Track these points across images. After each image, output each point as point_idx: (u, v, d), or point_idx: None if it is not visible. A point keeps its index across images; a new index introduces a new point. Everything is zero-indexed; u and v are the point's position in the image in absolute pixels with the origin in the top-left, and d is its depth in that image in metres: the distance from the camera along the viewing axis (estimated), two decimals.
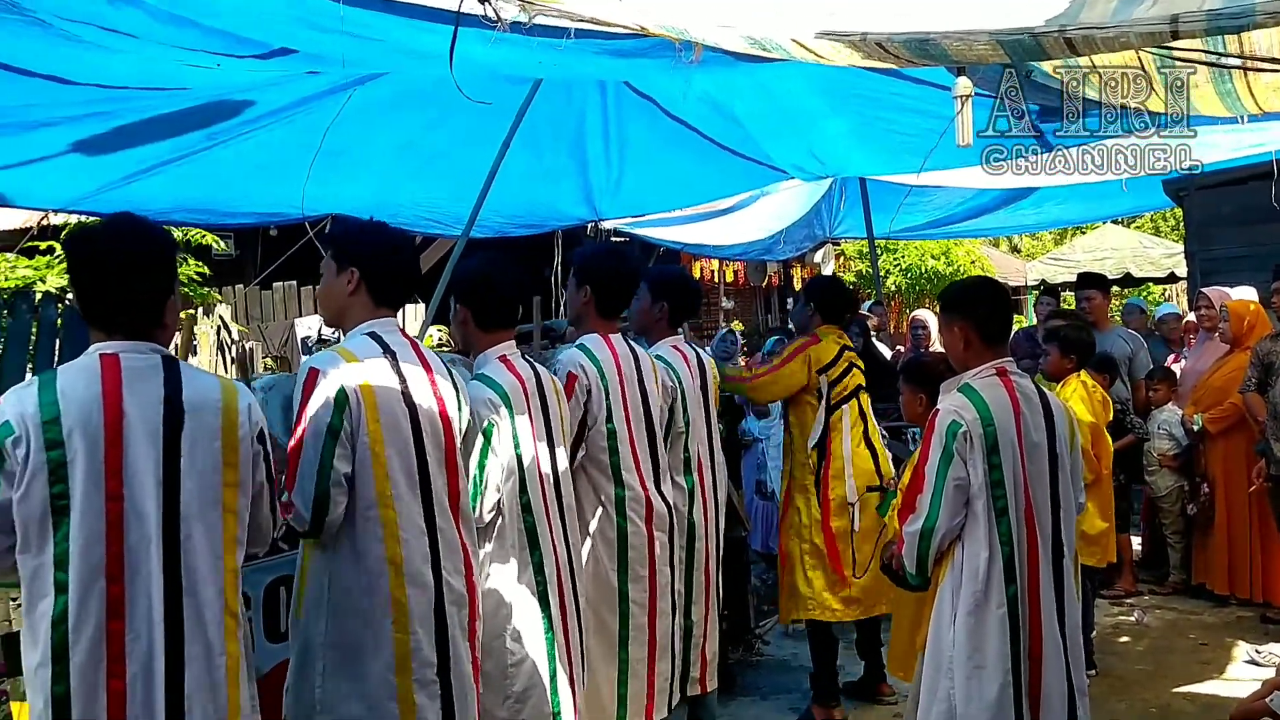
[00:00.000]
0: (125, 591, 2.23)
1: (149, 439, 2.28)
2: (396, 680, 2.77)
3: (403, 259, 3.05)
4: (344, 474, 2.73)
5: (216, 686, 2.33)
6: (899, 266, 16.05)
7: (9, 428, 2.19)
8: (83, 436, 2.21)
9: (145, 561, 2.25)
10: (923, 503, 3.13)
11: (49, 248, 8.75)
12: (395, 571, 2.78)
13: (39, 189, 4.97)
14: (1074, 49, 2.25)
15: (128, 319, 2.33)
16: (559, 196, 6.71)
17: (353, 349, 2.86)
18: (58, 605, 2.18)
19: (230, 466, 2.40)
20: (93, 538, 2.21)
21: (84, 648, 2.19)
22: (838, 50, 2.39)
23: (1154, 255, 13.95)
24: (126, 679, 2.21)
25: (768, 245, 9.43)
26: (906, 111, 5.18)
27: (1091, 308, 7.12)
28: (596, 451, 3.77)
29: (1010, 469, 3.11)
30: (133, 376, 2.29)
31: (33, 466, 2.18)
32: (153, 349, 2.37)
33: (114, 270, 2.32)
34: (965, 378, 3.25)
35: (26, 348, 5.49)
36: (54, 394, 2.22)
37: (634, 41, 3.07)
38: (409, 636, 2.79)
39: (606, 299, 3.92)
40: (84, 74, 3.81)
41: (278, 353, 9.91)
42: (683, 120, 5.67)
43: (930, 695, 3.17)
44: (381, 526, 2.77)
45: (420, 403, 2.89)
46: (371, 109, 4.93)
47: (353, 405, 2.75)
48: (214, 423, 2.38)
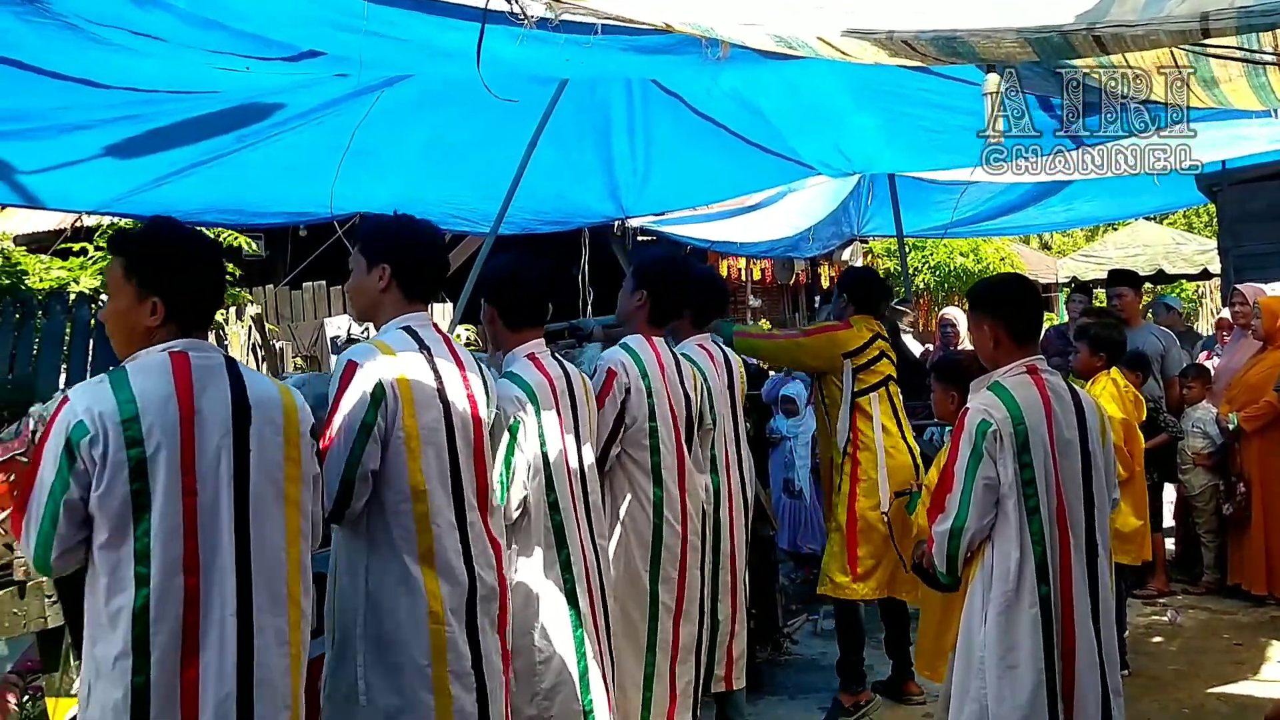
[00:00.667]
0: (201, 584, 2.29)
1: (220, 435, 2.34)
2: (433, 671, 2.79)
3: (431, 253, 3.06)
4: (370, 469, 2.75)
5: (281, 676, 2.38)
6: (928, 264, 15.95)
7: (83, 428, 2.22)
8: (161, 433, 2.26)
9: (219, 554, 2.31)
10: (952, 502, 3.11)
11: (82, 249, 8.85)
12: (429, 564, 2.80)
13: (72, 191, 5.03)
14: (1103, 47, 2.22)
15: (196, 318, 2.40)
16: (585, 193, 6.72)
17: (389, 343, 2.88)
18: (138, 598, 2.23)
19: (292, 461, 2.46)
20: (172, 532, 2.26)
21: (163, 639, 2.24)
22: (864, 49, 2.37)
23: (1187, 252, 13.79)
24: (200, 668, 2.27)
25: (794, 242, 9.40)
26: (935, 108, 5.15)
27: (1123, 305, 7.04)
28: (636, 450, 3.76)
29: (1041, 467, 3.08)
30: (202, 375, 2.35)
31: (112, 464, 2.22)
32: (214, 348, 2.44)
33: (188, 269, 2.38)
34: (995, 376, 3.22)
35: (61, 348, 5.56)
36: (130, 392, 2.26)
37: (661, 38, 3.07)
38: (444, 628, 2.80)
39: (661, 306, 3.94)
40: (115, 77, 3.86)
41: (308, 352, 9.97)
42: (709, 116, 5.66)
43: (962, 695, 3.14)
44: (415, 520, 2.80)
45: (453, 398, 2.91)
46: (399, 109, 4.96)
47: (389, 400, 2.77)
48: (277, 419, 2.44)
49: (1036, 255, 20.19)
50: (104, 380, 2.30)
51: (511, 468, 3.23)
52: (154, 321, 2.35)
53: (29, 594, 2.74)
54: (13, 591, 2.74)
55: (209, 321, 2.48)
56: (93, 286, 8.42)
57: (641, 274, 3.97)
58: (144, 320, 2.35)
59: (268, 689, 2.35)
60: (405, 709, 2.78)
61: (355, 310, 3.13)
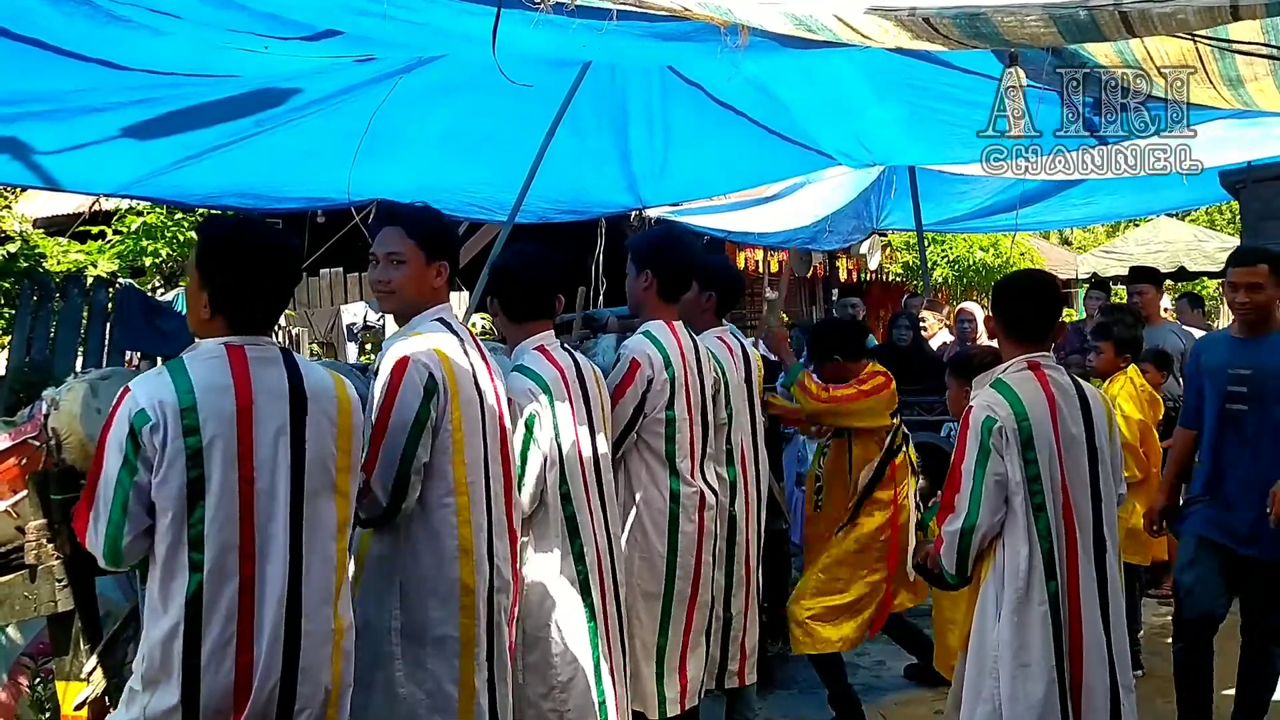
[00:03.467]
0: (255, 570, 2.33)
1: (277, 425, 2.38)
2: (460, 663, 2.80)
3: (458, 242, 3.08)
4: (424, 462, 2.75)
5: (325, 662, 2.43)
6: (947, 258, 15.85)
7: (145, 415, 2.27)
8: (218, 423, 2.31)
9: (273, 541, 2.36)
10: (961, 501, 3.08)
11: (100, 232, 8.87)
12: (467, 558, 2.80)
13: (91, 173, 5.04)
14: (1130, 27, 2.17)
15: (246, 320, 2.43)
16: (602, 183, 6.70)
17: (430, 335, 2.86)
18: (191, 583, 2.27)
19: (344, 452, 2.50)
20: (228, 519, 2.31)
21: (217, 624, 2.29)
22: (885, 29, 2.33)
23: (1209, 249, 13.64)
24: (253, 654, 2.32)
25: (813, 234, 9.34)
26: (959, 103, 5.11)
27: (1143, 302, 6.97)
28: (653, 439, 3.74)
29: (1046, 464, 3.06)
30: (258, 365, 2.40)
31: (170, 452, 2.27)
32: (269, 341, 2.48)
33: (239, 273, 2.42)
34: (996, 372, 3.20)
35: (78, 331, 5.58)
36: (189, 382, 2.31)
37: (678, 25, 3.04)
38: (474, 622, 2.81)
39: (669, 282, 3.87)
40: (135, 59, 3.85)
41: (324, 338, 10.00)
42: (729, 105, 5.63)
43: (974, 696, 3.11)
44: (456, 513, 2.80)
45: (484, 389, 2.92)
46: (417, 95, 4.94)
47: (441, 393, 2.77)
48: (331, 410, 2.48)
49: (1057, 250, 20.05)
50: (163, 371, 2.37)
51: (527, 461, 3.22)
52: (205, 314, 2.41)
53: (40, 578, 2.75)
54: (24, 575, 2.75)
55: (264, 327, 2.49)
56: (110, 270, 8.46)
57: (638, 255, 3.90)
58: (199, 310, 2.42)
59: (311, 677, 2.40)
60: (431, 701, 2.78)
61: (398, 303, 2.97)
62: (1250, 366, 3.93)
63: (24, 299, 5.64)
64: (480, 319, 8.02)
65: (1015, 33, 2.25)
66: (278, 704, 2.36)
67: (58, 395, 2.87)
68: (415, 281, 2.91)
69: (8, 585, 2.76)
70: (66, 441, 2.81)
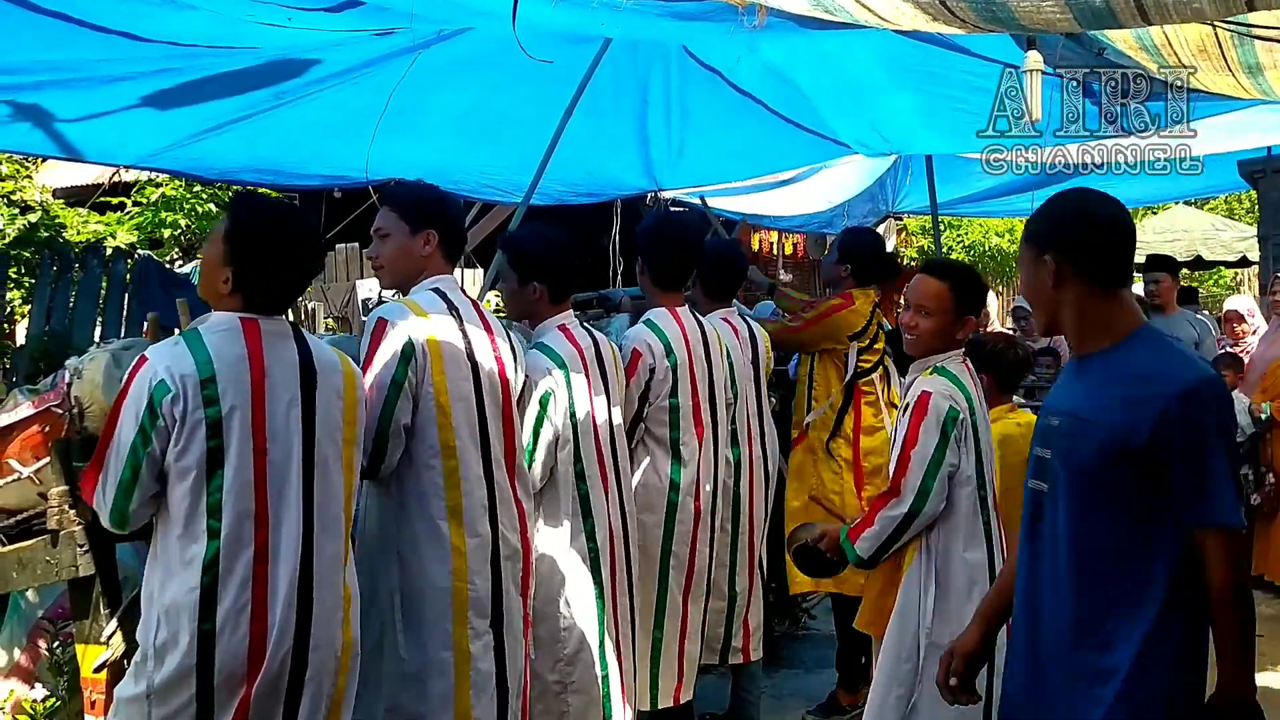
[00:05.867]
0: (269, 539, 2.39)
1: (289, 397, 2.45)
2: (453, 629, 2.85)
3: (462, 220, 3.13)
4: (403, 424, 2.81)
5: (335, 627, 2.49)
6: (962, 243, 15.82)
7: (165, 386, 2.32)
8: (235, 394, 2.37)
9: (287, 510, 2.42)
10: (909, 488, 3.06)
11: (120, 203, 8.92)
12: (456, 520, 2.85)
13: (111, 144, 5.07)
14: (1145, 15, 2.17)
15: (264, 299, 2.48)
16: (619, 166, 6.70)
17: (420, 302, 2.92)
18: (209, 550, 2.33)
19: (350, 424, 2.58)
20: (245, 488, 2.37)
21: (233, 590, 2.34)
22: (902, 11, 2.34)
23: (1226, 239, 13.58)
24: (268, 621, 2.37)
25: (828, 218, 9.33)
26: (976, 91, 5.08)
27: (1159, 291, 6.96)
28: (657, 426, 3.77)
29: (986, 456, 3.14)
30: (271, 339, 2.46)
31: (191, 422, 2.33)
32: (280, 318, 2.54)
33: (265, 256, 2.46)
34: (935, 360, 3.20)
35: (96, 302, 5.62)
36: (207, 354, 2.37)
37: (696, 4, 3.05)
38: (467, 586, 2.86)
39: (665, 270, 3.90)
40: (157, 31, 3.88)
41: (339, 313, 10.03)
42: (746, 91, 5.62)
43: (890, 678, 3.12)
44: (444, 476, 2.85)
45: (481, 359, 2.96)
46: (436, 72, 4.95)
47: (419, 357, 2.82)
48: (338, 383, 2.56)
49: None
50: (180, 341, 2.41)
51: (539, 437, 3.26)
52: (225, 289, 2.45)
53: (61, 543, 2.79)
54: (46, 540, 2.79)
55: (280, 308, 2.55)
56: (129, 241, 8.50)
57: (638, 245, 3.96)
58: (218, 284, 2.46)
59: (323, 643, 2.46)
60: (427, 665, 2.83)
61: (390, 276, 3.10)
62: None
63: (44, 269, 5.68)
64: (494, 295, 8.05)
65: (1031, 18, 2.25)
66: (290, 670, 2.40)
67: (80, 364, 2.91)
68: (401, 252, 3.00)
69: (30, 550, 2.81)
70: (89, 410, 2.85)
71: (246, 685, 2.35)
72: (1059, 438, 2.18)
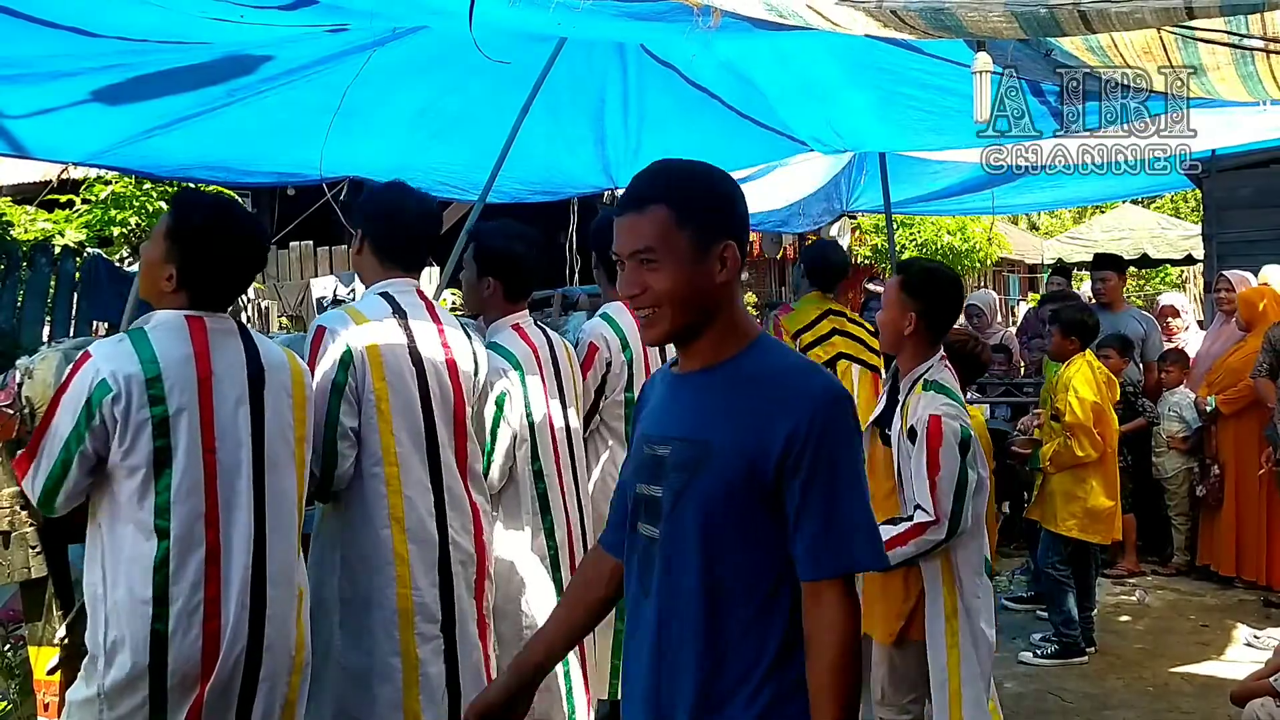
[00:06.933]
0: (220, 537, 2.38)
1: (237, 396, 2.44)
2: (399, 635, 2.84)
3: (407, 219, 3.03)
4: (350, 428, 2.80)
5: (289, 627, 2.50)
6: (914, 241, 15.98)
7: (106, 386, 2.30)
8: (181, 393, 2.35)
9: (238, 510, 2.41)
10: (944, 512, 3.09)
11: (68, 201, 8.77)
12: (399, 527, 2.84)
13: (59, 141, 4.98)
14: (1089, 25, 2.24)
15: (208, 297, 2.47)
16: (577, 165, 6.69)
17: (362, 309, 2.92)
18: (159, 550, 2.32)
19: (300, 423, 2.58)
20: (194, 488, 2.36)
21: (185, 591, 2.33)
22: (855, 19, 2.38)
23: (1171, 237, 13.85)
24: (220, 621, 2.36)
25: (784, 217, 9.38)
26: (929, 88, 5.15)
27: (1106, 289, 7.10)
28: (612, 420, 3.79)
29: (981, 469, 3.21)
30: (217, 337, 2.45)
31: (135, 422, 2.31)
32: (225, 316, 2.53)
33: (239, 253, 2.48)
34: (929, 374, 3.23)
35: (45, 300, 5.56)
36: (152, 352, 2.35)
37: (652, 5, 3.07)
38: (411, 591, 2.85)
39: (612, 265, 3.92)
40: (106, 25, 3.83)
41: (293, 312, 9.95)
42: (703, 87, 5.64)
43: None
44: (385, 483, 2.84)
45: (428, 362, 2.94)
46: (391, 70, 4.92)
47: (357, 363, 2.81)
48: (287, 382, 2.56)
49: (1024, 235, 20.25)
50: (124, 339, 2.39)
51: (497, 439, 3.26)
52: (169, 287, 2.44)
53: (13, 544, 2.76)
54: None
55: (224, 305, 2.54)
56: (78, 239, 8.37)
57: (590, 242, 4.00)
58: (161, 282, 2.44)
59: (278, 642, 2.46)
60: (374, 670, 2.82)
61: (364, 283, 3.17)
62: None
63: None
64: (451, 294, 8.02)
65: (979, 26, 2.31)
66: (244, 671, 2.39)
67: (32, 364, 2.87)
68: (354, 256, 3.07)
69: None
70: (40, 410, 2.82)
71: (200, 686, 2.34)
72: (672, 471, 1.77)
